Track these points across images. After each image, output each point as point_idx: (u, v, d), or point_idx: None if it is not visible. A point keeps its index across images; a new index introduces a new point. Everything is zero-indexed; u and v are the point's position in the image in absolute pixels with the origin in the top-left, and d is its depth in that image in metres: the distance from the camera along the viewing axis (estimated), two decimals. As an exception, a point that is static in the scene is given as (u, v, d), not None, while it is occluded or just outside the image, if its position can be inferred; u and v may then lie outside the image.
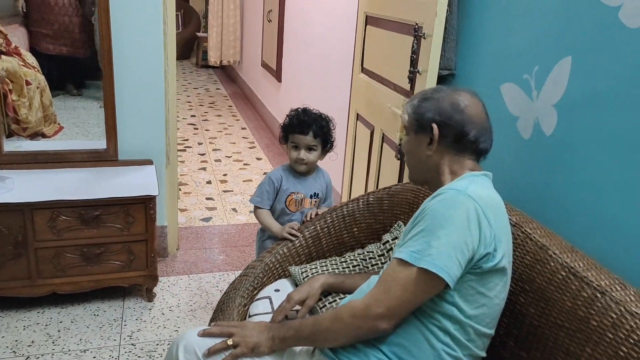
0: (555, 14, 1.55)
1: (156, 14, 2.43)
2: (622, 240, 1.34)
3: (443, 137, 1.32)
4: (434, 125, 1.32)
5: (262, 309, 1.68)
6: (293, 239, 1.93)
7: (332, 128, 2.04)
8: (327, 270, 1.78)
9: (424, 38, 2.00)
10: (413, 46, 2.06)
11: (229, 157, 4.50)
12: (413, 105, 1.39)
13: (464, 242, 1.17)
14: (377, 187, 2.52)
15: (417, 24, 2.04)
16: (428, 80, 2.00)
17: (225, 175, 4.09)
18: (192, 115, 5.71)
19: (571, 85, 1.48)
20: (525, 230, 1.45)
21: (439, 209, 1.21)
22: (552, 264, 1.33)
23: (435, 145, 1.33)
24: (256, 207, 2.07)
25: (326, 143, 2.03)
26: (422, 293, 1.19)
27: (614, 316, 1.13)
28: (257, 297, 1.75)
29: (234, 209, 3.50)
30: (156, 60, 2.50)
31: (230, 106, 6.23)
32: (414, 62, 2.07)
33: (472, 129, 1.31)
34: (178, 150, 4.49)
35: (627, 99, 1.31)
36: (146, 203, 2.29)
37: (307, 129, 1.95)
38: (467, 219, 1.18)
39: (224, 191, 3.78)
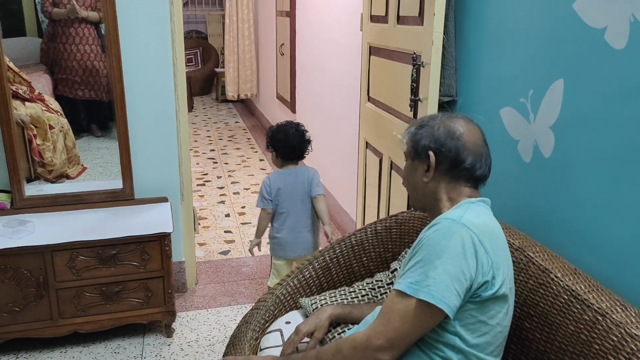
0: (544, 38, 1.57)
1: (165, 56, 2.52)
2: (624, 258, 1.33)
3: (439, 164, 1.33)
4: (431, 153, 1.33)
5: (272, 342, 1.70)
6: None
7: (272, 133, 2.54)
8: (336, 300, 1.79)
9: (423, 66, 2.04)
10: (413, 75, 2.09)
11: (247, 189, 4.56)
12: (410, 132, 1.41)
13: (461, 272, 1.17)
14: (388, 214, 2.53)
15: (415, 53, 2.08)
16: (429, 107, 2.03)
17: (243, 207, 4.14)
18: (212, 150, 5.82)
19: (565, 107, 1.49)
20: (528, 254, 1.45)
21: (435, 239, 1.21)
22: (554, 287, 1.32)
23: (432, 173, 1.34)
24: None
25: (268, 144, 2.57)
26: (422, 324, 1.19)
27: (615, 339, 1.12)
28: (268, 330, 1.77)
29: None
30: (167, 100, 2.58)
31: (248, 138, 6.33)
32: (414, 90, 2.11)
33: (468, 156, 1.32)
34: (197, 185, 4.60)
35: (616, 117, 1.32)
36: (161, 240, 2.34)
37: None
38: (462, 247, 1.18)
39: (242, 223, 3.83)
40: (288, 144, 2.49)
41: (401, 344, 1.20)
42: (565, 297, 1.27)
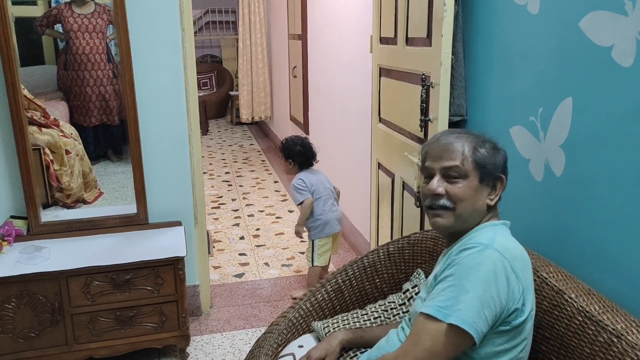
0: (552, 57, 1.56)
1: (178, 81, 2.56)
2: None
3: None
4: (504, 177, 1.35)
5: (285, 367, 1.68)
6: None
7: (288, 147, 3.02)
8: (348, 323, 1.78)
9: (432, 87, 2.04)
10: (422, 95, 2.10)
11: (261, 211, 4.58)
12: (481, 152, 1.31)
13: (491, 298, 1.15)
14: (401, 234, 2.52)
15: (424, 73, 2.09)
16: (439, 127, 2.02)
17: (257, 229, 4.15)
18: (227, 172, 5.85)
19: (574, 125, 1.48)
20: (542, 275, 1.43)
21: (467, 264, 1.20)
22: (568, 308, 1.30)
23: (498, 197, 1.35)
24: None
25: (287, 157, 3.03)
26: (450, 348, 1.17)
27: (631, 362, 1.09)
28: (281, 354, 1.76)
29: (266, 264, 3.53)
30: (180, 125, 2.61)
31: (263, 161, 6.36)
32: (424, 111, 2.11)
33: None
34: (212, 208, 4.62)
35: (627, 136, 1.30)
36: (175, 264, 2.35)
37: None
38: (495, 274, 1.17)
39: (257, 246, 3.83)
40: (306, 154, 3.01)
41: None
42: (580, 318, 1.25)
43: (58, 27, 2.93)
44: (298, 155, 3.01)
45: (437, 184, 1.30)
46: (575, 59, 1.47)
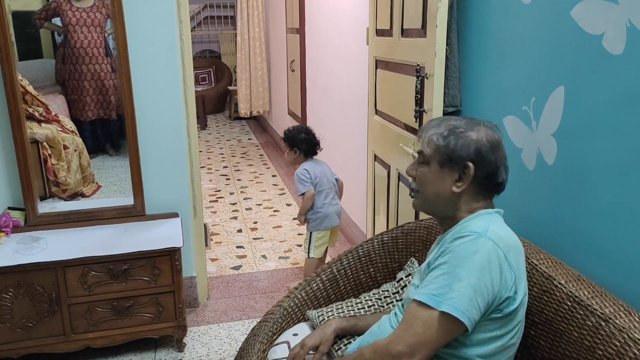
0: (544, 46, 1.58)
1: (175, 74, 2.56)
2: (629, 264, 1.32)
3: (474, 176, 1.28)
4: (470, 164, 1.27)
5: (280, 354, 1.70)
6: None
7: (292, 136, 2.99)
8: (342, 312, 1.79)
9: (427, 78, 2.05)
10: (417, 86, 2.11)
11: (259, 204, 4.59)
12: (442, 135, 1.30)
13: (485, 286, 1.16)
14: (397, 225, 2.53)
15: (418, 65, 2.10)
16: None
17: (255, 223, 4.16)
18: (225, 167, 5.87)
19: (566, 114, 1.50)
20: (532, 262, 1.45)
21: (461, 252, 1.20)
22: (558, 294, 1.31)
23: (466, 185, 1.29)
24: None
25: (292, 146, 2.99)
26: (443, 335, 1.18)
27: (618, 344, 1.11)
28: (276, 342, 1.77)
29: (264, 256, 3.55)
30: (177, 117, 2.62)
31: (261, 155, 6.37)
32: (419, 102, 2.12)
33: (503, 171, 1.31)
34: (210, 202, 4.64)
35: (617, 124, 1.32)
36: (171, 255, 2.37)
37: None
38: (488, 262, 1.17)
39: (254, 239, 3.85)
40: (312, 141, 3.01)
41: (422, 351, 1.18)
42: (569, 303, 1.27)
43: (56, 20, 2.93)
44: (303, 142, 2.99)
45: (410, 167, 1.40)
46: (566, 48, 1.48)
